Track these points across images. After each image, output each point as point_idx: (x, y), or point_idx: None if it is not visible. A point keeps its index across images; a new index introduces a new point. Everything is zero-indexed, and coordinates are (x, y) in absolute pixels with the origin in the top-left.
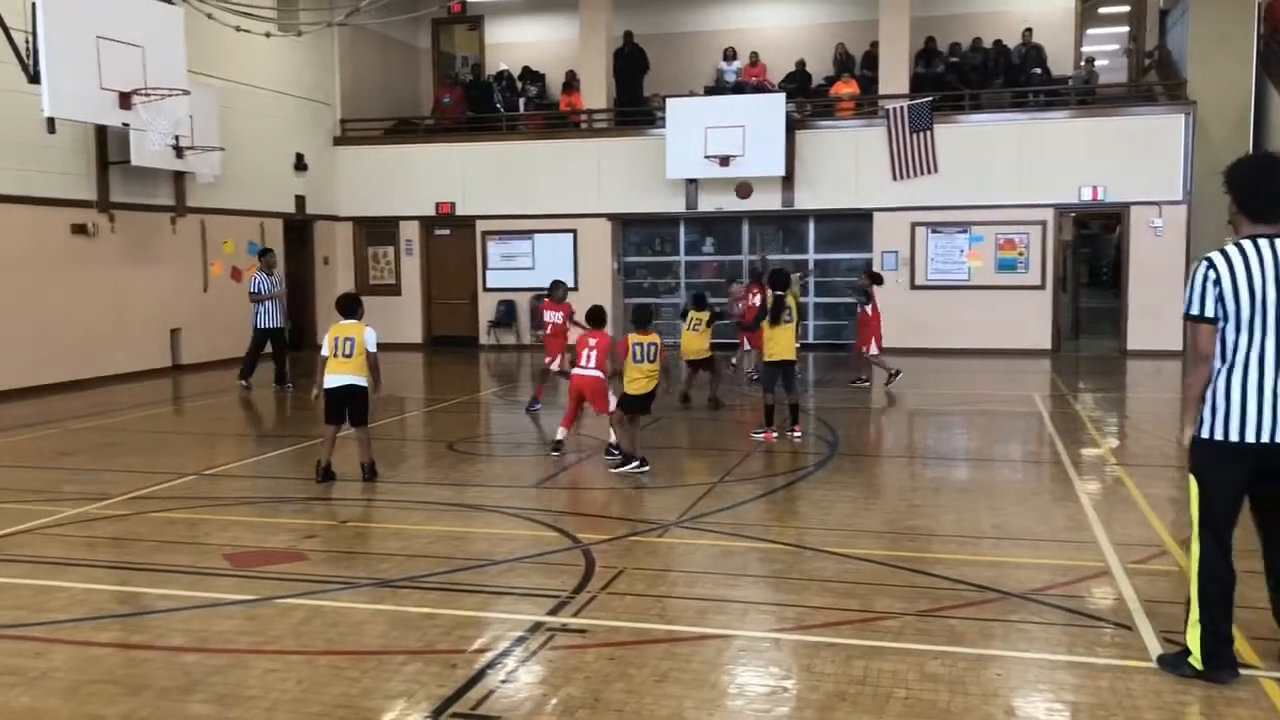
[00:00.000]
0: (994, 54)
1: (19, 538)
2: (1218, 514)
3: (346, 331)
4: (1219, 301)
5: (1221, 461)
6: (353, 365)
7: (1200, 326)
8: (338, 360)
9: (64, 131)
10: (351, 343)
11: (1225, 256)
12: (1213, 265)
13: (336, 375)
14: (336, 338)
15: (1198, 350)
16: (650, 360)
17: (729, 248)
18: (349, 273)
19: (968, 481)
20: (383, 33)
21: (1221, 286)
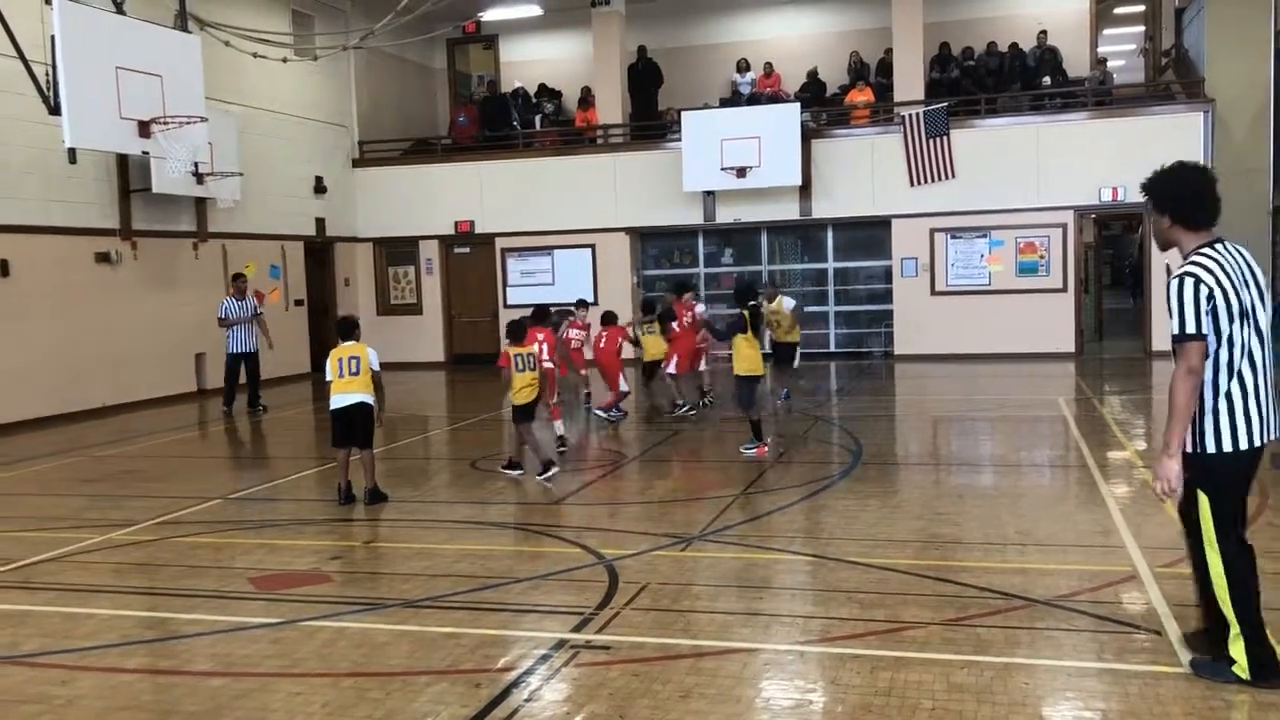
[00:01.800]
0: (1009, 57)
1: (46, 565)
2: (1231, 522)
3: (350, 352)
4: (1211, 316)
5: (1232, 471)
6: (360, 383)
7: (1195, 345)
8: (344, 380)
9: (85, 161)
10: (357, 361)
11: (1207, 270)
12: (1200, 280)
13: (345, 394)
14: (340, 358)
15: (1192, 369)
16: (531, 369)
17: (748, 258)
18: (370, 294)
19: (992, 488)
20: (398, 54)
21: (1214, 301)
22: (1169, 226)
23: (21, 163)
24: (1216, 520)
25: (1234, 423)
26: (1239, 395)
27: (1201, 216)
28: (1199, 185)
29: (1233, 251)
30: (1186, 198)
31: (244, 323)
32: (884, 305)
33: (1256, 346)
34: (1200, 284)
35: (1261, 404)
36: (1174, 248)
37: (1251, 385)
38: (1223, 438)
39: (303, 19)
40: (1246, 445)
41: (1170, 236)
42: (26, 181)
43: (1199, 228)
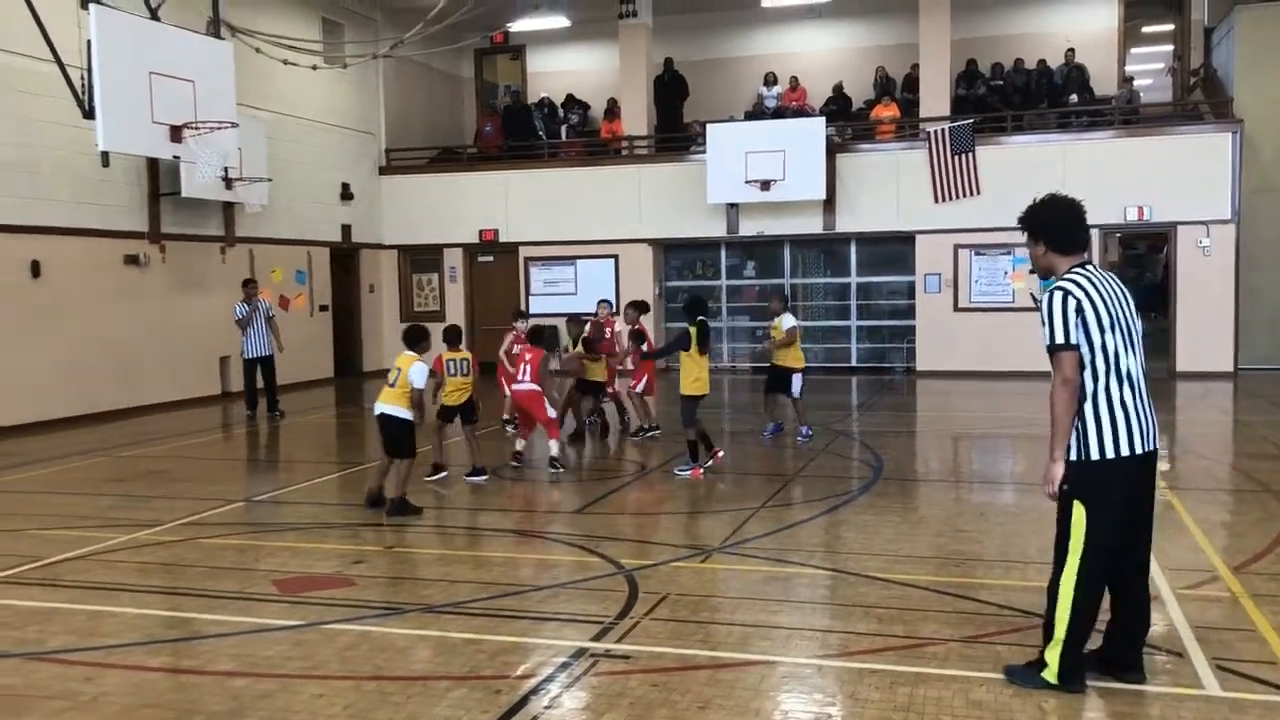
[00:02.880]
0: (1036, 75)
1: (72, 563)
2: (1105, 532)
3: (398, 362)
4: (1081, 328)
5: (1108, 478)
6: (394, 395)
7: (1068, 354)
8: (385, 390)
9: (117, 165)
10: (398, 373)
11: (1077, 285)
12: (1070, 294)
13: (378, 403)
14: (395, 367)
15: (1067, 379)
16: (463, 374)
17: (770, 271)
18: (394, 300)
19: (1014, 505)
20: (426, 63)
21: (1084, 313)
22: (1044, 253)
23: (55, 165)
24: (1088, 530)
25: (1115, 429)
26: (1117, 403)
27: (1073, 242)
28: (1070, 214)
29: (1101, 272)
30: (1060, 226)
31: (252, 326)
32: (907, 321)
33: (1132, 357)
34: (1069, 296)
35: (1139, 412)
36: (1050, 273)
37: (1128, 393)
38: (1105, 444)
39: (333, 27)
40: (1127, 451)
41: (1046, 262)
42: (59, 184)
43: (1071, 252)
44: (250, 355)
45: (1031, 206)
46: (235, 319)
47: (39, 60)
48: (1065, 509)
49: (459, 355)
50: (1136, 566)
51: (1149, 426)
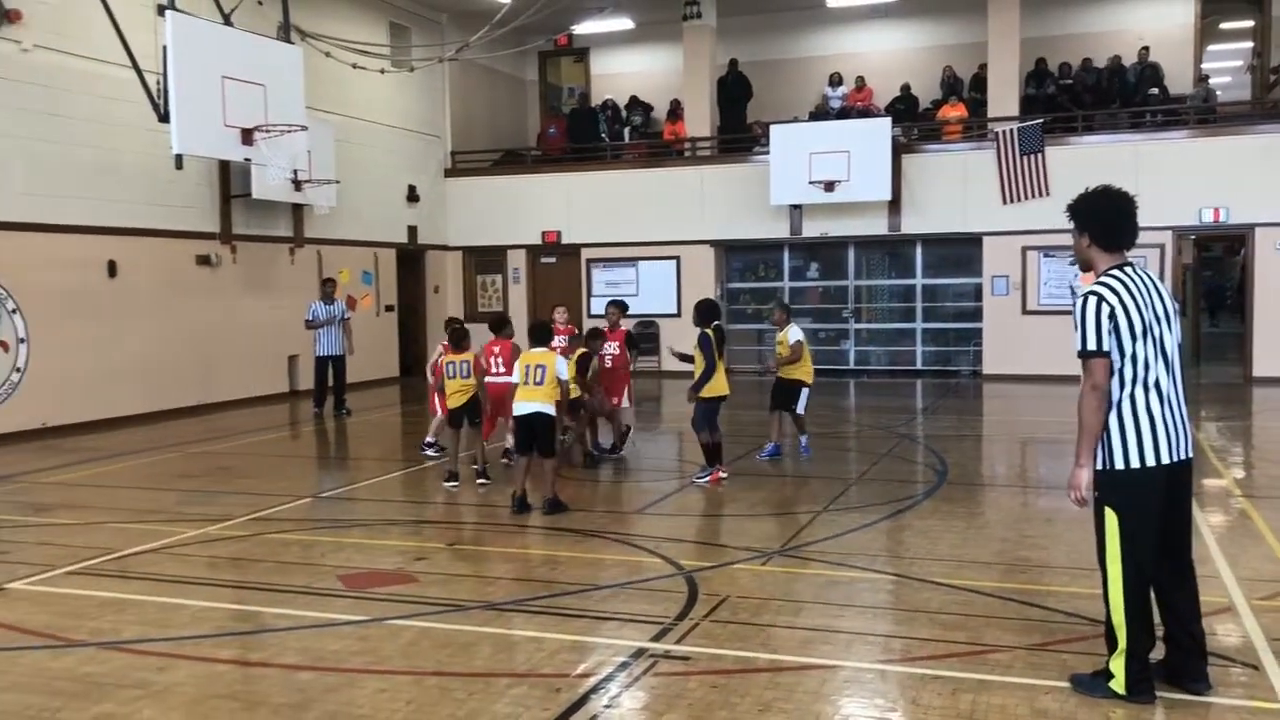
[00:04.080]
0: (1108, 73)
1: (145, 556)
2: (1140, 538)
3: (537, 359)
4: (1113, 334)
5: (1139, 488)
6: (542, 393)
7: (1098, 361)
8: (528, 388)
9: (190, 167)
10: (542, 370)
11: (1112, 290)
12: (1103, 299)
13: (525, 402)
14: (527, 365)
15: (1096, 385)
16: (464, 377)
17: (834, 273)
18: (458, 301)
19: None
20: (491, 66)
21: (1116, 320)
22: (1087, 246)
23: (131, 168)
24: (1123, 538)
25: (1140, 439)
26: (1144, 412)
27: (1118, 239)
28: (1120, 209)
29: (1141, 275)
30: (1107, 220)
31: (330, 326)
32: (973, 323)
33: (1162, 366)
34: (1103, 302)
35: (1169, 421)
36: (1090, 267)
37: (1157, 402)
38: (1130, 454)
39: (400, 31)
40: (1154, 461)
41: (1088, 255)
42: (135, 186)
43: (1115, 249)
44: (323, 353)
45: (1082, 195)
46: (307, 318)
47: (117, 66)
48: (1099, 517)
49: (460, 358)
50: (1175, 577)
51: (1180, 436)
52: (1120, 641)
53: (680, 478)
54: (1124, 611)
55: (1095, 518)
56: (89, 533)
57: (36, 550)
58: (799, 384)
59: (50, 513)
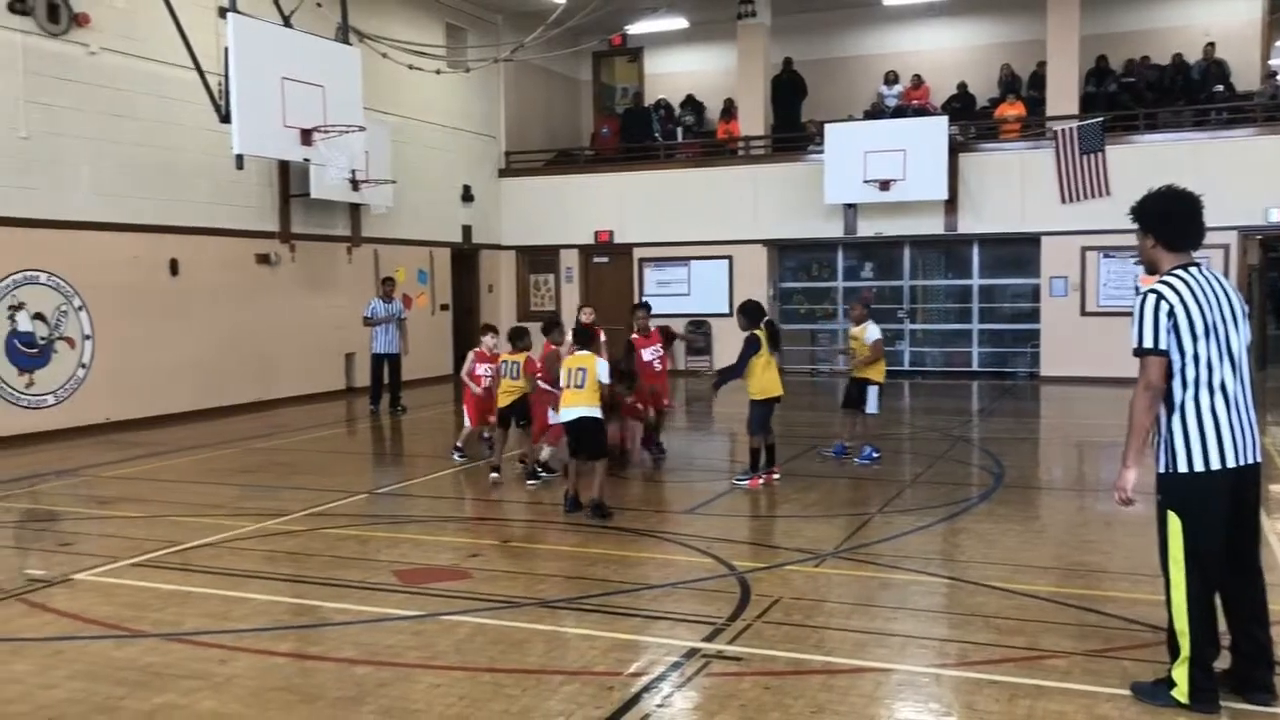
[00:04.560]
0: (1171, 70)
1: (206, 550)
2: (1203, 543)
3: (578, 362)
4: (1172, 333)
5: (1202, 492)
6: (585, 396)
7: (1154, 359)
8: (570, 392)
9: (251, 167)
10: (583, 373)
11: (1173, 289)
12: (1163, 297)
13: (570, 407)
14: (569, 368)
15: (1150, 383)
16: (513, 377)
17: (889, 273)
18: (511, 300)
19: (1143, 516)
20: (546, 66)
21: (1175, 318)
22: (1152, 246)
23: (193, 168)
24: (1186, 542)
25: (1204, 442)
26: (1208, 414)
27: (1184, 240)
28: (1186, 209)
29: (1207, 275)
30: (1172, 220)
31: (389, 324)
32: (1030, 325)
33: (1228, 368)
34: (1162, 300)
35: (1234, 425)
36: (1154, 268)
37: (1222, 404)
38: (1193, 457)
39: (456, 32)
40: (1218, 465)
41: (1152, 256)
42: (197, 185)
43: (1178, 249)
44: (380, 351)
45: (1147, 195)
46: (366, 314)
47: (179, 67)
48: (1161, 521)
49: (514, 358)
50: (1241, 584)
51: (1246, 439)
52: (1183, 649)
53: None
54: (1187, 618)
55: (1157, 521)
56: (151, 526)
57: (101, 542)
58: (869, 382)
59: (113, 506)
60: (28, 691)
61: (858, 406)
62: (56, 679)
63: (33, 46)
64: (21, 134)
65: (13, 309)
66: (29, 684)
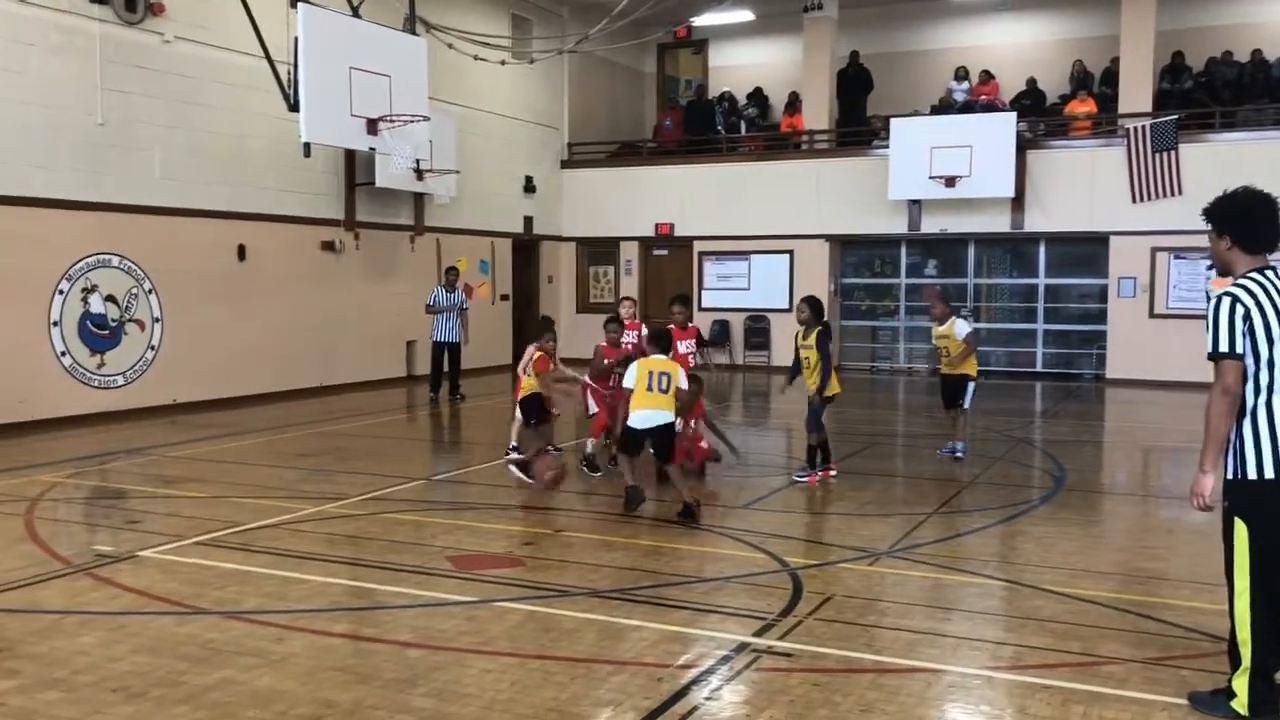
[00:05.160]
0: (1250, 67)
1: (266, 530)
2: (1270, 557)
3: (661, 366)
4: (1248, 337)
5: (1272, 499)
6: (665, 401)
7: (1230, 363)
8: (652, 395)
9: (318, 156)
10: (667, 378)
11: (1249, 292)
12: (1239, 300)
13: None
14: (650, 371)
15: (1227, 388)
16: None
17: (953, 270)
18: (570, 291)
19: (1207, 523)
20: (609, 58)
21: (1251, 321)
22: (1228, 248)
23: (263, 155)
24: (1253, 550)
25: (1276, 448)
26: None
27: (1260, 241)
28: (1266, 209)
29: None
30: (1250, 219)
31: (450, 313)
32: (1097, 326)
33: None
34: (1237, 303)
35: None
36: (1228, 271)
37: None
38: (1264, 463)
39: (521, 23)
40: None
41: (1227, 257)
42: (266, 173)
43: (1255, 252)
44: (440, 339)
45: (1222, 196)
46: (429, 302)
47: (251, 56)
48: (1228, 528)
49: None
50: None
51: None
52: (1244, 659)
53: (787, 472)
54: (1249, 627)
55: (1224, 528)
56: (214, 506)
57: (165, 521)
58: (965, 378)
59: (178, 485)
60: (94, 663)
61: (956, 402)
62: (121, 652)
63: (110, 35)
64: (98, 120)
65: (86, 291)
66: (95, 655)
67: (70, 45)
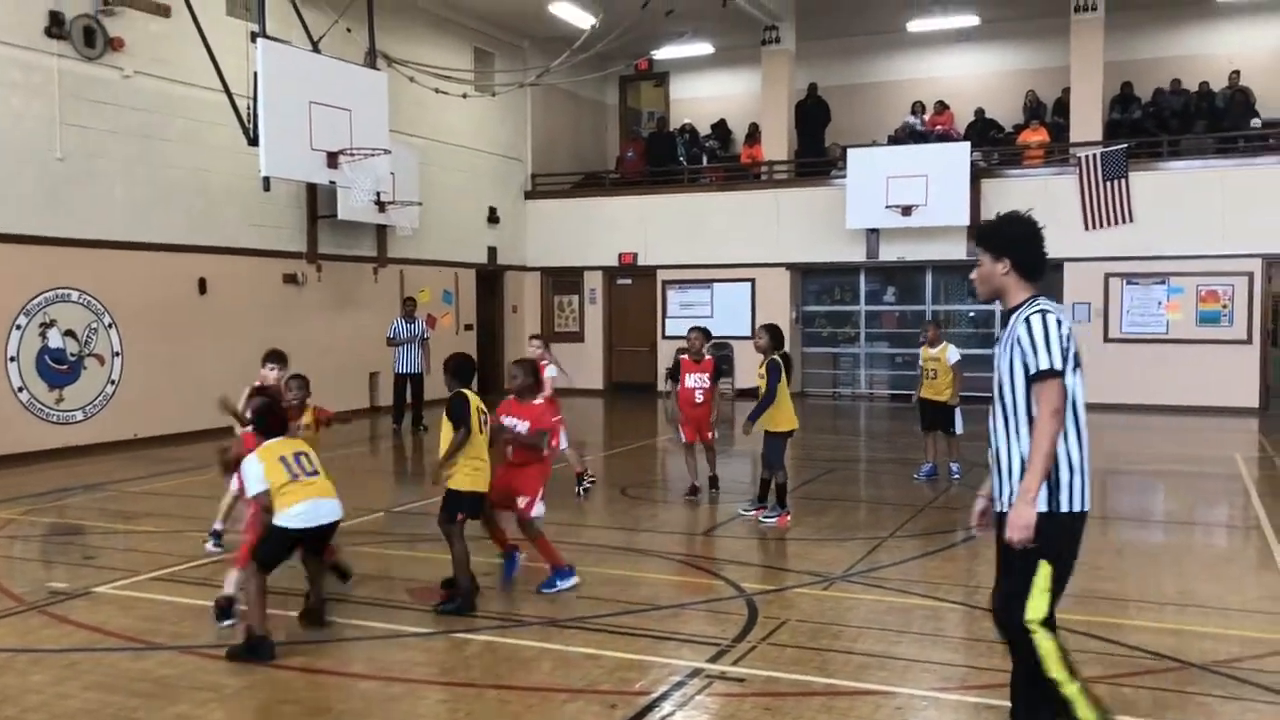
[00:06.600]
0: (1196, 98)
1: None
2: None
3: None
4: (1067, 357)
5: (1073, 535)
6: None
7: (1058, 383)
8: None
9: (279, 189)
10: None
11: (1061, 312)
12: (1062, 320)
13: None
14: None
15: (1057, 410)
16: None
17: (912, 297)
18: (536, 321)
19: (1156, 545)
20: (572, 91)
21: (1072, 344)
22: (1006, 272)
23: (223, 189)
24: (1054, 590)
25: (1083, 480)
26: (1078, 452)
27: (1038, 267)
28: (1040, 235)
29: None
30: (1032, 245)
31: (411, 344)
32: None
33: (1083, 408)
34: (1062, 323)
35: (1087, 466)
36: (996, 297)
37: (1087, 444)
38: (1074, 496)
39: (484, 56)
40: (1080, 507)
41: (1003, 283)
42: (227, 206)
43: (1032, 278)
44: (402, 371)
45: (999, 219)
46: (389, 335)
47: (211, 91)
48: (1031, 565)
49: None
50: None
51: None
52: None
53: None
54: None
55: (1021, 565)
56: (172, 541)
57: (123, 556)
58: (951, 407)
59: (137, 520)
60: (45, 701)
61: (943, 429)
62: (73, 690)
63: (69, 70)
64: (57, 155)
65: (44, 326)
66: (46, 694)
67: (29, 81)
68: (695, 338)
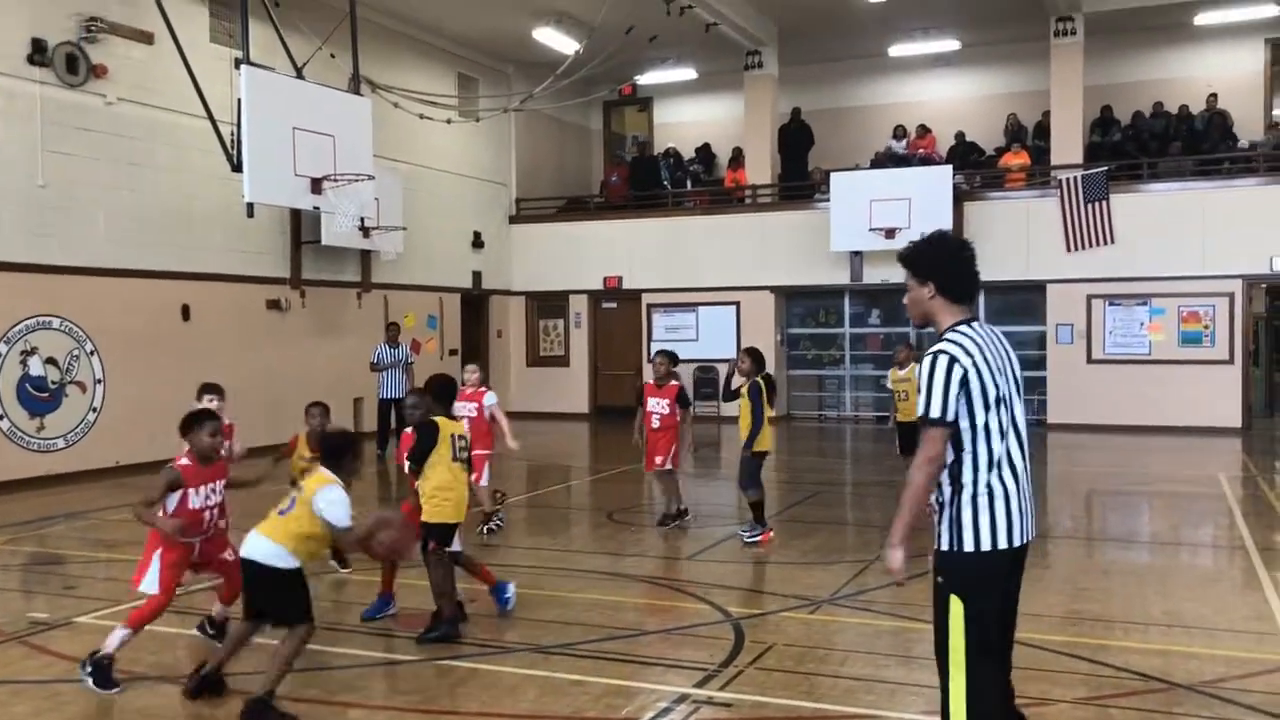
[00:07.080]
0: (1175, 121)
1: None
2: (991, 635)
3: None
4: (965, 403)
5: (989, 573)
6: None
7: (940, 431)
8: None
9: (262, 214)
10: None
11: (964, 350)
12: (956, 361)
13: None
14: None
15: (932, 458)
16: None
17: (896, 319)
18: (520, 345)
19: (1141, 565)
20: (556, 116)
21: (969, 387)
22: (931, 296)
23: (206, 215)
24: (969, 631)
25: (993, 518)
26: (999, 489)
27: (967, 290)
28: (968, 256)
29: (990, 333)
30: (958, 268)
31: (395, 369)
32: (1037, 372)
33: (1013, 438)
34: (955, 364)
35: (1018, 501)
36: (929, 324)
37: (1010, 480)
38: (981, 534)
39: (468, 82)
40: (1005, 544)
41: (929, 307)
42: (210, 232)
43: (960, 301)
44: (386, 396)
45: (922, 241)
46: (372, 360)
47: (194, 117)
48: (942, 604)
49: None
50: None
51: (1029, 517)
52: None
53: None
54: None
55: (936, 605)
56: None
57: (104, 585)
58: None
59: (119, 549)
60: None
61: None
62: None
63: (51, 97)
64: (39, 183)
65: (25, 354)
66: None
67: (11, 108)
68: (660, 362)
